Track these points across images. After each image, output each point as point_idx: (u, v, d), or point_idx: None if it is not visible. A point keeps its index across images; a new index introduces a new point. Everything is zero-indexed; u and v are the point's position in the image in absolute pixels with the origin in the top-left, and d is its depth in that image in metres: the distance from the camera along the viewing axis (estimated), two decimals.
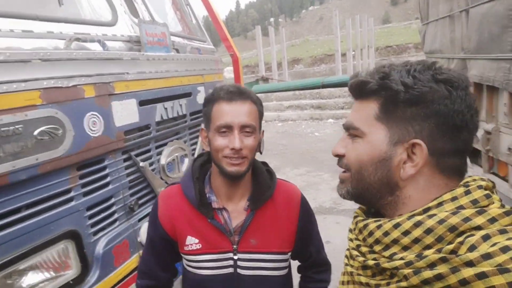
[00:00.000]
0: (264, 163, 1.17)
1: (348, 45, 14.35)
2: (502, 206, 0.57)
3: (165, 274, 1.20)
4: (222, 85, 1.08)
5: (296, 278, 1.24)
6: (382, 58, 19.45)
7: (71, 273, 1.28)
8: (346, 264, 0.77)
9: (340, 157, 0.72)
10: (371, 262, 0.64)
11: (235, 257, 1.07)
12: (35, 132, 1.16)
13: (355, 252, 0.70)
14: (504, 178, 2.08)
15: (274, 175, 1.16)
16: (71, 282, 1.27)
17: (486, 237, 0.52)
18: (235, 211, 1.09)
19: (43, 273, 1.21)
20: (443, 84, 0.62)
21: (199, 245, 1.08)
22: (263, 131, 1.13)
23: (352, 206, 4.46)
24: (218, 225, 1.07)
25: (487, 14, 2.01)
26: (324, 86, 12.08)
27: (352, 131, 0.69)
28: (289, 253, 1.14)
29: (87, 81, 1.37)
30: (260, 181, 1.11)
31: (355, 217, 0.75)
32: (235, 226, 1.08)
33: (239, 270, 1.08)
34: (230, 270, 1.08)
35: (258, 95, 1.21)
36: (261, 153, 1.12)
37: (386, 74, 0.64)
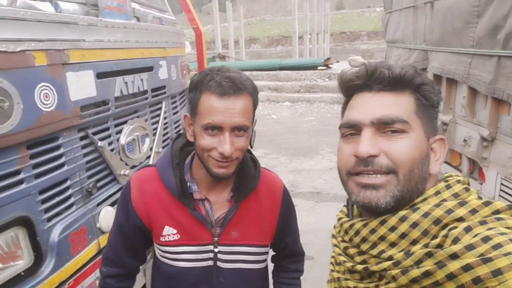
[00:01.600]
0: (248, 150, 1.08)
1: (305, 28, 14.41)
2: (480, 197, 0.60)
3: (133, 262, 1.11)
4: (212, 69, 0.91)
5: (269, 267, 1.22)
6: (337, 44, 19.87)
7: (22, 264, 1.14)
8: (332, 270, 0.76)
9: (371, 158, 0.61)
10: (359, 267, 0.63)
11: (216, 250, 1.01)
12: None
13: (341, 258, 0.69)
14: (457, 168, 2.23)
15: (258, 163, 1.08)
16: (22, 273, 1.13)
17: (468, 229, 0.53)
18: (217, 202, 1.01)
19: None
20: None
21: (177, 236, 1.00)
22: (256, 120, 1.00)
23: (309, 189, 4.60)
24: (199, 216, 0.99)
25: (451, 8, 2.08)
26: (281, 68, 12.11)
27: (398, 126, 0.61)
28: (269, 245, 1.11)
29: (37, 46, 1.19)
30: (245, 171, 1.03)
31: (338, 219, 0.74)
32: (217, 218, 1.01)
33: (219, 263, 1.02)
34: (210, 262, 1.02)
35: None
36: (251, 147, 1.03)
37: (417, 70, 0.65)
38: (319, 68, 11.99)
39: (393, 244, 0.60)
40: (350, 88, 0.69)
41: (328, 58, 12.46)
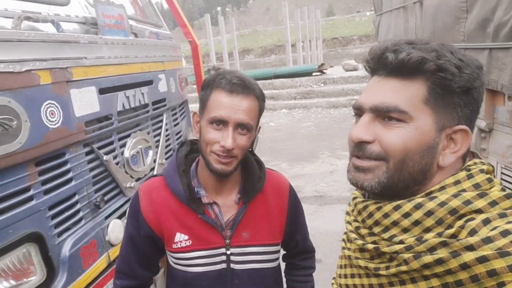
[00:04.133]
0: (251, 152, 1.12)
1: (297, 36, 14.58)
2: (503, 189, 0.58)
3: (146, 273, 1.12)
4: (225, 71, 0.97)
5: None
6: (329, 50, 20.07)
7: (35, 280, 1.15)
8: (344, 248, 0.76)
9: (364, 143, 0.62)
10: (370, 246, 0.63)
11: (228, 252, 1.03)
12: None
13: (353, 235, 0.69)
14: None
15: (263, 165, 1.11)
16: None
17: (486, 221, 0.52)
18: (226, 205, 1.03)
19: (3, 282, 1.06)
20: (481, 70, 0.61)
21: (189, 242, 1.01)
22: (260, 127, 1.05)
23: (312, 193, 4.61)
24: (210, 220, 1.01)
25: (440, 5, 2.13)
26: (276, 76, 12.23)
27: (395, 115, 0.59)
28: (280, 244, 1.12)
29: (41, 66, 1.22)
30: (251, 173, 1.06)
31: (353, 198, 0.73)
32: (227, 220, 1.03)
33: (232, 265, 1.03)
34: (223, 265, 1.03)
35: None
36: (253, 150, 1.06)
37: (439, 53, 0.58)
38: (313, 74, 12.11)
39: (405, 230, 0.59)
40: (368, 69, 0.67)
41: (322, 64, 12.60)
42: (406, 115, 0.59)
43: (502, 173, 1.85)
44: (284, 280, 1.23)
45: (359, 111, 0.66)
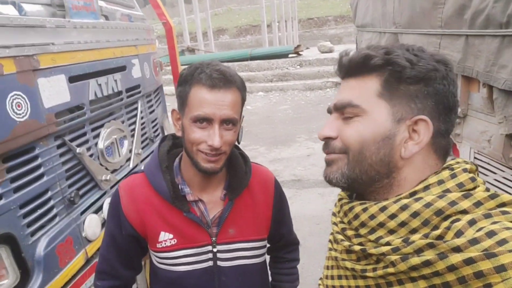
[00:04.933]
0: (236, 146, 1.08)
1: (273, 16, 14.36)
2: (487, 189, 0.59)
3: (129, 272, 1.09)
4: (202, 63, 0.92)
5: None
6: (305, 30, 19.96)
7: (8, 283, 1.09)
8: (330, 249, 0.76)
9: (328, 139, 0.68)
10: (357, 248, 0.64)
11: (214, 250, 1.01)
12: None
13: (339, 236, 0.69)
14: None
15: (248, 159, 1.08)
16: None
17: (472, 222, 0.52)
18: (211, 202, 1.01)
19: None
20: (442, 64, 0.62)
21: (174, 241, 0.98)
22: (243, 117, 1.02)
23: (290, 177, 4.65)
24: (195, 218, 0.98)
25: None
26: (252, 58, 12.06)
27: (349, 109, 0.64)
28: (266, 239, 1.11)
29: (4, 53, 1.12)
30: (236, 168, 1.03)
31: (339, 199, 0.74)
32: (213, 218, 1.00)
33: (219, 263, 1.01)
34: (210, 263, 1.01)
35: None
36: (239, 143, 1.03)
37: (389, 50, 0.62)
38: (290, 56, 12.03)
39: (391, 231, 0.60)
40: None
41: (298, 45, 12.51)
42: (358, 109, 0.63)
43: (475, 157, 1.91)
44: (269, 273, 1.23)
45: (329, 113, 0.71)
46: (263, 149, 5.82)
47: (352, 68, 0.65)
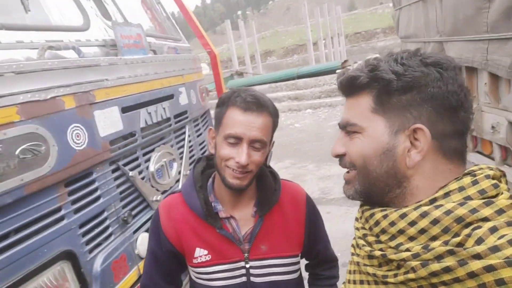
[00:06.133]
0: (266, 165, 1.13)
1: (318, 34, 14.44)
2: (511, 197, 0.57)
3: (171, 287, 1.15)
4: (240, 89, 1.01)
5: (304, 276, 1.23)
6: (353, 45, 19.71)
7: None
8: (353, 254, 0.77)
9: (341, 156, 0.70)
10: (377, 253, 0.64)
11: (247, 266, 1.04)
12: (17, 151, 1.08)
13: (361, 242, 0.70)
14: (489, 156, 2.15)
15: (278, 177, 1.12)
16: None
17: (493, 230, 0.51)
18: (243, 219, 1.05)
19: None
20: (433, 67, 0.62)
21: (209, 257, 1.03)
22: (273, 142, 1.07)
23: (341, 194, 4.54)
24: (227, 235, 1.03)
25: None
26: (299, 76, 12.15)
27: (349, 128, 0.67)
28: (299, 255, 1.12)
29: (65, 91, 1.29)
30: (266, 185, 1.08)
31: (361, 205, 0.74)
32: (244, 234, 1.04)
33: (252, 278, 1.05)
34: (243, 279, 1.04)
35: None
36: (267, 165, 1.08)
37: (374, 66, 0.65)
38: (337, 71, 11.92)
39: (412, 238, 0.59)
40: None
41: (345, 61, 12.39)
42: (356, 127, 0.66)
43: None
44: None
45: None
46: (312, 166, 5.76)
47: (345, 88, 0.69)
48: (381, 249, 0.64)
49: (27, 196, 1.10)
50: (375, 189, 0.66)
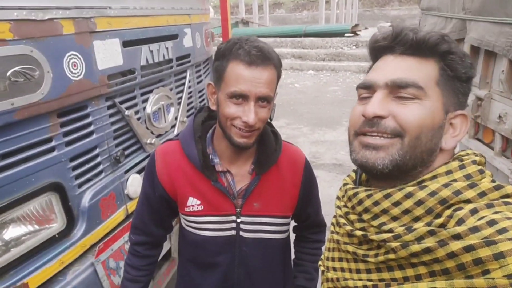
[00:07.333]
0: (269, 123, 1.09)
1: None
2: (493, 181, 0.58)
3: (159, 231, 1.16)
4: (240, 38, 0.92)
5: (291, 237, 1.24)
6: (366, 9, 18.92)
7: (56, 227, 1.21)
8: (332, 232, 0.77)
9: (377, 118, 0.61)
10: (358, 233, 0.64)
11: (238, 220, 1.04)
12: (8, 73, 1.00)
13: (342, 220, 0.70)
14: (488, 145, 2.13)
15: (280, 137, 1.09)
16: (56, 235, 1.20)
17: (473, 211, 0.53)
18: (239, 175, 1.03)
19: (26, 226, 1.12)
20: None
21: (201, 207, 1.03)
22: (277, 94, 1.00)
23: (331, 160, 4.57)
24: (222, 188, 1.01)
25: None
26: (306, 35, 11.72)
27: (411, 91, 0.60)
28: (291, 217, 1.12)
29: (64, 14, 1.18)
30: (266, 145, 1.04)
31: (344, 184, 0.74)
32: (239, 190, 1.03)
33: (241, 233, 1.05)
34: (233, 232, 1.05)
35: None
36: (271, 120, 1.03)
37: (448, 38, 0.62)
38: (346, 35, 11.53)
39: (395, 218, 0.60)
40: (376, 49, 0.68)
41: (356, 25, 11.94)
42: (422, 92, 0.60)
43: None
44: (292, 251, 1.24)
45: (368, 91, 0.66)
46: (306, 129, 5.74)
47: (416, 46, 0.62)
48: (362, 228, 0.64)
49: (17, 122, 1.04)
50: (411, 163, 0.61)
